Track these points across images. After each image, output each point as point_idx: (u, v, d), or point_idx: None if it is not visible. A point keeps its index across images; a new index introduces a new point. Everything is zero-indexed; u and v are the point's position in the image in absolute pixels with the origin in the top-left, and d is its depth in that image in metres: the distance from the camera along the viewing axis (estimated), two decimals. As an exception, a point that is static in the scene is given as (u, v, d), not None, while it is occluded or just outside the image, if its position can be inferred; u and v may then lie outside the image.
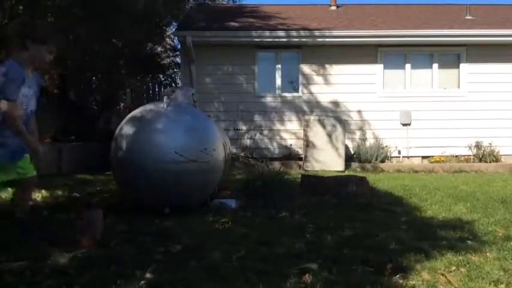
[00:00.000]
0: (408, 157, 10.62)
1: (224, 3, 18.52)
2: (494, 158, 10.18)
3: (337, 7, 13.54)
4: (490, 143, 10.27)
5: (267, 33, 10.50)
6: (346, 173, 8.94)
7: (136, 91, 15.15)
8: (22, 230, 3.38)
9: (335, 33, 10.50)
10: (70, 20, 8.93)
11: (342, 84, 10.67)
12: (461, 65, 10.74)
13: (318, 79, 10.74)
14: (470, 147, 10.39)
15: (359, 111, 10.63)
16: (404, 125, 10.61)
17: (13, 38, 3.11)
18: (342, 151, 9.64)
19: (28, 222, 3.46)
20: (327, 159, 9.56)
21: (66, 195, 5.71)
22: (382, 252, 3.16)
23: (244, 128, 10.51)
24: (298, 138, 10.46)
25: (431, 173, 9.20)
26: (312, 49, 10.64)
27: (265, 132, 10.58)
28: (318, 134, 9.67)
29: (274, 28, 10.79)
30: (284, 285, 2.50)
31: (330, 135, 9.68)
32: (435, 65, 10.80)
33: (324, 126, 9.72)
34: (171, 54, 17.38)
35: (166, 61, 17.20)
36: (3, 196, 5.43)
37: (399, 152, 10.61)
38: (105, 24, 8.59)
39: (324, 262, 2.89)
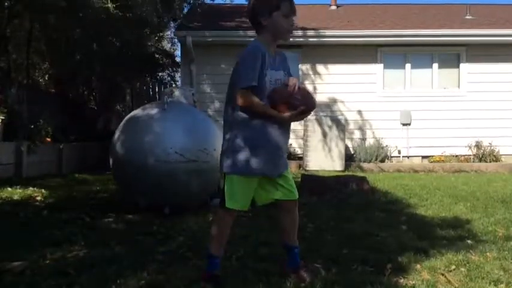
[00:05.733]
0: (408, 157, 10.62)
1: (224, 3, 18.50)
2: (494, 157, 10.17)
3: (337, 7, 13.54)
4: (490, 143, 10.27)
5: (267, 33, 10.49)
6: (346, 172, 8.94)
7: (136, 91, 15.16)
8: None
9: (335, 32, 10.50)
10: (69, 20, 8.93)
11: (342, 84, 10.67)
12: (461, 65, 10.74)
13: (318, 79, 10.73)
14: (470, 147, 10.39)
15: (359, 111, 10.63)
16: (404, 124, 10.60)
17: (251, 22, 2.61)
18: (342, 151, 9.64)
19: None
20: (327, 159, 9.56)
21: (66, 195, 5.71)
22: (382, 252, 3.16)
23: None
24: (297, 137, 10.45)
25: (431, 173, 9.20)
26: (311, 49, 10.64)
27: (265, 132, 10.56)
28: (317, 134, 9.67)
29: (274, 28, 10.77)
30: (284, 285, 2.50)
31: (329, 135, 9.68)
32: (435, 65, 10.80)
33: (323, 125, 9.72)
34: (169, 53, 17.36)
35: (165, 61, 17.18)
36: (3, 196, 5.44)
37: (399, 152, 10.60)
38: (103, 25, 8.60)
39: (323, 262, 2.89)
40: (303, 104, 2.49)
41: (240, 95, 2.42)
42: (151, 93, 15.43)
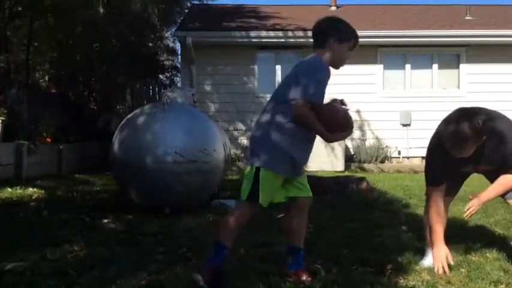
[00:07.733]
0: (408, 157, 10.62)
1: (224, 3, 18.53)
2: (494, 158, 10.17)
3: (337, 7, 13.53)
4: (490, 144, 10.27)
5: (267, 33, 10.49)
6: (346, 173, 8.94)
7: (136, 92, 15.16)
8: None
9: (335, 33, 10.49)
10: (69, 21, 8.94)
11: (342, 84, 10.61)
12: (461, 66, 10.75)
13: (318, 79, 10.73)
14: (470, 148, 10.38)
15: (359, 112, 10.62)
16: (404, 125, 10.61)
17: (316, 35, 2.79)
18: (342, 151, 9.63)
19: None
20: (327, 160, 9.56)
21: (66, 196, 5.71)
22: (382, 252, 3.16)
23: (244, 128, 10.50)
24: (298, 138, 10.47)
25: (431, 174, 9.18)
26: (311, 49, 10.62)
27: (265, 132, 10.56)
28: (318, 134, 9.66)
29: (273, 28, 10.78)
30: (284, 285, 2.50)
31: (329, 136, 9.66)
32: (435, 66, 10.81)
33: (324, 126, 9.71)
34: (169, 57, 17.37)
35: (166, 63, 17.18)
36: (3, 196, 5.44)
37: (399, 153, 10.60)
38: (103, 25, 8.61)
39: (324, 262, 2.89)
40: (347, 128, 2.76)
41: (303, 107, 2.50)
42: (151, 93, 15.43)
